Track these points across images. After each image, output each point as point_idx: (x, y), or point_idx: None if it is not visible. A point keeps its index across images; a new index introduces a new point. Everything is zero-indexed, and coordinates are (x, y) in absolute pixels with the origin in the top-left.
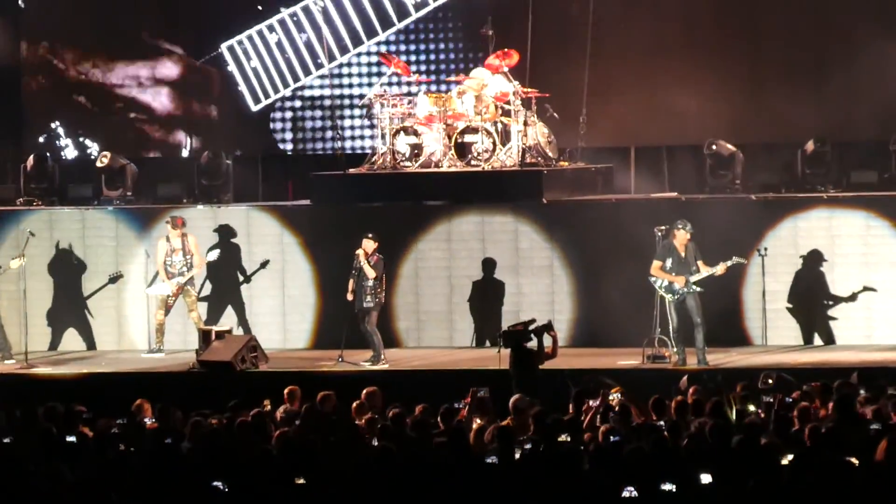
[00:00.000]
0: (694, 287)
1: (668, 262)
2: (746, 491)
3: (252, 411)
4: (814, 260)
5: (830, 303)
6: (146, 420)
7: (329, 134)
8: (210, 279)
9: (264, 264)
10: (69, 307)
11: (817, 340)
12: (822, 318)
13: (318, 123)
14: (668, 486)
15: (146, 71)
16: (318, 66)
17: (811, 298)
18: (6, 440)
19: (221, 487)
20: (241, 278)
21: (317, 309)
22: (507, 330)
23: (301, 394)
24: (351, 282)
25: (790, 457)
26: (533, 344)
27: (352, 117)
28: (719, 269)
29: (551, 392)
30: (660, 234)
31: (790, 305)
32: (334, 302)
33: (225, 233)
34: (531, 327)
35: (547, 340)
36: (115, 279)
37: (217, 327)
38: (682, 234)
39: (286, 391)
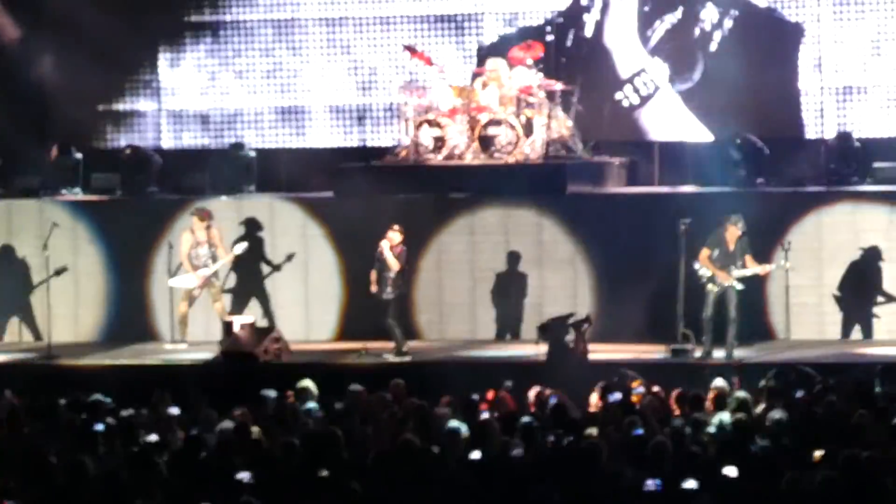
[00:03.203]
0: (735, 283)
1: (715, 253)
2: (779, 487)
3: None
4: (871, 255)
5: (876, 298)
6: (168, 411)
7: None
8: (234, 270)
9: (290, 258)
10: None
11: (856, 335)
12: (862, 312)
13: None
14: (691, 483)
15: None
16: None
17: (854, 293)
18: (28, 430)
19: (246, 479)
20: (265, 270)
21: (341, 301)
22: (545, 323)
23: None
24: (374, 273)
25: (820, 452)
26: (570, 338)
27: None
28: (760, 269)
29: (588, 386)
30: (683, 227)
31: (838, 294)
32: (358, 293)
33: (249, 224)
34: (570, 321)
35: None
36: (59, 272)
37: (241, 318)
38: (732, 229)
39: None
